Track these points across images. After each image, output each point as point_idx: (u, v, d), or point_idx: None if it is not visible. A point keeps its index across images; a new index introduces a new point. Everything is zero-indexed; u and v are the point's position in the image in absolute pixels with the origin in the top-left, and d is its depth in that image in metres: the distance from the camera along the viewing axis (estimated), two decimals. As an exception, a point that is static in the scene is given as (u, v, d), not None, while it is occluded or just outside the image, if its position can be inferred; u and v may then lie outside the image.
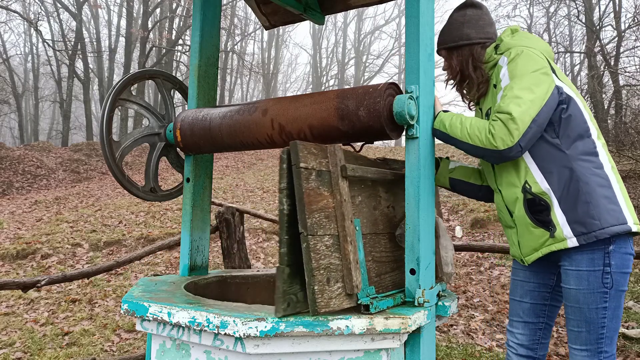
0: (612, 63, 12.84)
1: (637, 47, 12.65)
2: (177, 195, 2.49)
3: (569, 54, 18.37)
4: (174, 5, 21.46)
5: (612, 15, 13.93)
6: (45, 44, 21.81)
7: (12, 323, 4.56)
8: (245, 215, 4.39)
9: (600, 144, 1.76)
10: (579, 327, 1.73)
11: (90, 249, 7.16)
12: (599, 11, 15.08)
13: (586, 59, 15.16)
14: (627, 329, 3.98)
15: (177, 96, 21.90)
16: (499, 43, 1.87)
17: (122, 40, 23.83)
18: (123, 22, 23.45)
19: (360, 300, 1.50)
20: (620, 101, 11.58)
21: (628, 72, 12.04)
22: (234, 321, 1.39)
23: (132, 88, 2.31)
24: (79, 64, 22.12)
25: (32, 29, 22.46)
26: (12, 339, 4.14)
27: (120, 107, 2.31)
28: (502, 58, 1.81)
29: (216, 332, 1.42)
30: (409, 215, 1.66)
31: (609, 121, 11.60)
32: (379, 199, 1.80)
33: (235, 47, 26.93)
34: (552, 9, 18.21)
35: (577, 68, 19.48)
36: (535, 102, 1.65)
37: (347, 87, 3.83)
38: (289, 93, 39.10)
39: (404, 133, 1.71)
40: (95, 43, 24.15)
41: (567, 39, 20.27)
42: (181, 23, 22.05)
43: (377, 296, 1.60)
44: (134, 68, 20.98)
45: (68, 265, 6.52)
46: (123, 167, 2.21)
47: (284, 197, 1.46)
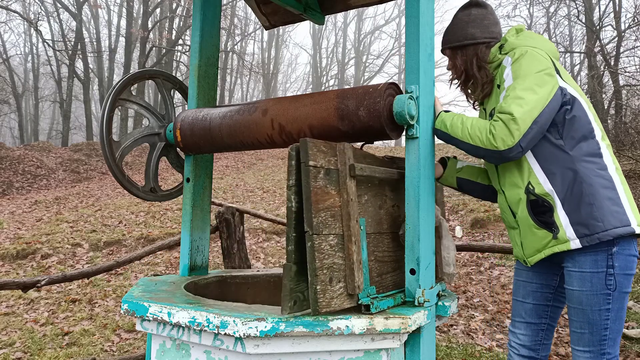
0: (612, 63, 12.83)
1: (637, 47, 12.64)
2: (177, 195, 2.49)
3: (569, 54, 18.36)
4: (174, 5, 21.46)
5: (612, 15, 13.92)
6: (45, 44, 21.82)
7: (12, 323, 4.56)
8: (245, 215, 4.39)
9: (605, 145, 1.75)
10: (581, 329, 1.72)
11: (90, 249, 7.16)
12: (599, 11, 15.07)
13: (586, 59, 15.15)
14: (627, 329, 3.98)
15: (177, 96, 21.90)
16: (504, 43, 1.86)
17: (122, 40, 23.83)
18: (123, 22, 23.47)
19: (361, 300, 1.50)
20: (620, 101, 11.57)
21: (628, 72, 12.04)
22: (234, 321, 1.39)
23: (132, 88, 2.31)
24: (79, 64, 22.14)
25: (32, 29, 22.46)
26: (12, 339, 4.14)
27: (120, 107, 2.31)
28: (506, 58, 1.80)
29: (216, 332, 1.42)
30: (409, 215, 1.66)
31: (609, 121, 11.58)
32: (385, 198, 1.79)
33: (235, 47, 26.93)
34: (552, 9, 18.21)
35: (577, 68, 19.47)
36: (538, 102, 1.64)
37: (347, 87, 3.83)
38: (289, 93, 39.08)
39: (404, 133, 1.71)
40: (95, 43, 24.15)
41: (567, 39, 20.26)
42: (181, 23, 22.05)
43: (378, 296, 1.60)
44: (134, 68, 20.97)
45: (68, 265, 6.52)
46: (123, 167, 2.21)
47: (292, 195, 1.44)
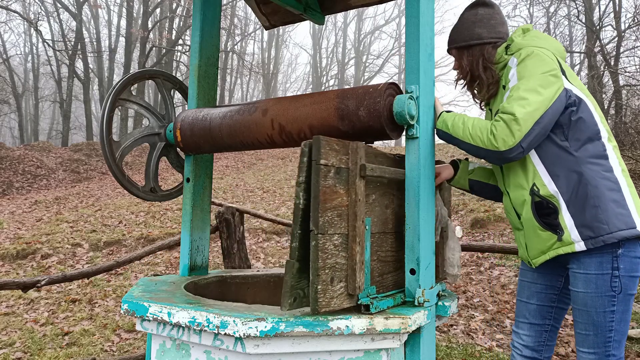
0: (612, 63, 12.83)
1: (637, 47, 12.65)
2: (177, 195, 2.49)
3: (569, 54, 18.36)
4: (174, 5, 21.46)
5: (612, 15, 13.92)
6: (45, 44, 21.82)
7: (12, 323, 4.56)
8: (245, 215, 4.39)
9: (611, 146, 1.74)
10: (586, 330, 1.71)
11: (90, 249, 7.16)
12: (599, 11, 15.07)
13: (586, 59, 15.16)
14: (627, 329, 3.97)
15: (177, 96, 21.91)
16: (510, 43, 1.85)
17: (122, 40, 23.84)
18: (123, 22, 23.48)
19: (361, 300, 1.50)
20: (620, 101, 11.58)
21: (628, 72, 12.04)
22: (234, 321, 1.39)
23: (132, 88, 2.31)
24: (79, 64, 22.15)
25: (32, 29, 22.47)
26: (12, 339, 4.14)
27: (120, 107, 2.31)
28: (512, 59, 1.79)
29: (216, 332, 1.42)
30: (409, 215, 1.66)
31: (608, 121, 11.58)
32: (393, 198, 1.78)
33: (235, 47, 26.94)
34: (552, 9, 18.21)
35: (577, 68, 19.46)
36: (541, 104, 1.63)
37: (347, 87, 3.83)
38: (289, 93, 39.08)
39: (404, 133, 1.71)
40: (95, 43, 24.16)
41: (567, 39, 20.25)
42: (181, 23, 22.06)
43: (378, 296, 1.60)
44: (134, 68, 20.97)
45: (68, 265, 6.52)
46: (123, 167, 2.21)
47: (301, 192, 1.44)
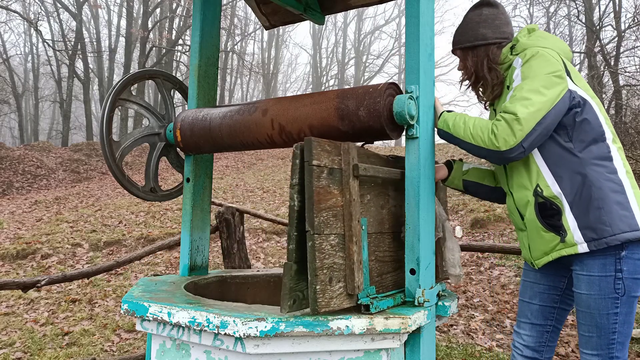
0: (612, 63, 12.83)
1: (637, 47, 12.65)
2: (177, 195, 2.49)
3: (569, 54, 18.31)
4: (174, 5, 21.46)
5: (612, 15, 13.91)
6: (45, 44, 21.82)
7: (12, 323, 4.56)
8: (245, 215, 4.39)
9: (616, 148, 1.73)
10: (589, 332, 1.71)
11: (90, 249, 7.16)
12: (599, 11, 15.06)
13: (586, 59, 15.16)
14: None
15: (177, 96, 21.90)
16: (515, 43, 1.84)
17: (122, 40, 23.84)
18: (123, 22, 23.48)
19: (361, 300, 1.50)
20: (620, 101, 11.57)
21: (628, 72, 12.04)
22: (234, 321, 1.39)
23: (132, 88, 2.31)
24: (79, 64, 22.15)
25: (32, 29, 22.47)
26: (12, 339, 4.14)
27: (120, 107, 2.31)
28: (516, 59, 1.79)
29: (216, 332, 1.42)
30: (409, 215, 1.66)
31: (609, 121, 11.55)
32: (387, 198, 1.79)
33: (235, 47, 26.94)
34: (552, 9, 18.22)
35: (577, 68, 19.41)
36: (544, 104, 1.62)
37: (347, 87, 3.83)
38: (289, 93, 39.09)
39: (404, 133, 1.71)
40: (95, 43, 24.16)
41: (567, 39, 20.24)
42: (181, 23, 22.06)
43: (377, 296, 1.60)
44: (134, 68, 20.97)
45: (68, 265, 6.52)
46: (123, 167, 2.21)
47: (295, 193, 1.44)
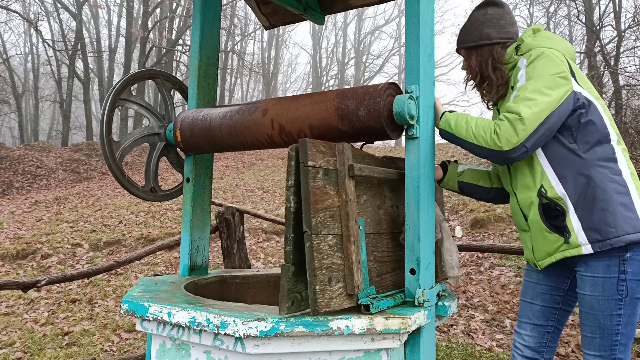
0: (612, 63, 12.82)
1: (637, 47, 12.64)
2: (177, 195, 2.49)
3: (569, 54, 18.31)
4: (174, 5, 21.46)
5: (612, 15, 13.91)
6: (45, 44, 21.81)
7: (12, 323, 4.56)
8: (245, 215, 4.39)
9: (621, 149, 1.73)
10: (592, 333, 1.71)
11: (90, 249, 7.16)
12: (599, 11, 15.07)
13: (586, 59, 15.14)
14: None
15: (177, 96, 21.90)
16: (520, 44, 1.83)
17: (122, 40, 23.83)
18: (123, 22, 23.47)
19: (361, 300, 1.50)
20: (620, 101, 11.56)
21: (628, 72, 12.03)
22: (234, 321, 1.39)
23: (132, 88, 2.31)
24: (79, 64, 22.14)
25: (32, 29, 22.47)
26: (12, 339, 4.14)
27: (120, 107, 2.31)
28: (521, 60, 1.78)
29: (216, 332, 1.42)
30: (409, 215, 1.66)
31: (609, 121, 11.54)
32: (384, 198, 1.79)
33: (235, 47, 26.93)
34: (552, 9, 18.22)
35: (577, 68, 19.44)
36: (548, 105, 1.62)
37: (347, 87, 3.83)
38: (289, 93, 39.08)
39: (404, 133, 1.71)
40: (95, 43, 24.16)
41: (567, 39, 20.24)
42: (181, 23, 22.05)
43: (377, 296, 1.60)
44: (134, 68, 20.97)
45: (68, 265, 6.52)
46: (123, 167, 2.21)
47: (291, 195, 1.44)
